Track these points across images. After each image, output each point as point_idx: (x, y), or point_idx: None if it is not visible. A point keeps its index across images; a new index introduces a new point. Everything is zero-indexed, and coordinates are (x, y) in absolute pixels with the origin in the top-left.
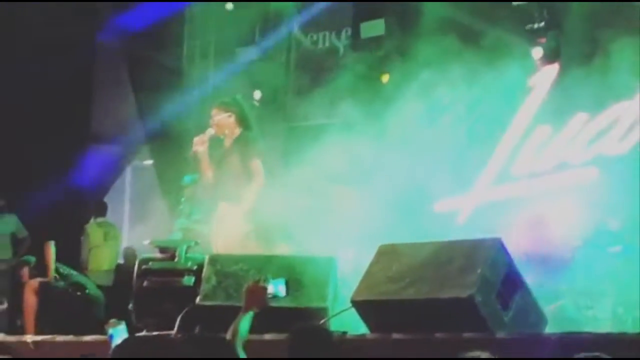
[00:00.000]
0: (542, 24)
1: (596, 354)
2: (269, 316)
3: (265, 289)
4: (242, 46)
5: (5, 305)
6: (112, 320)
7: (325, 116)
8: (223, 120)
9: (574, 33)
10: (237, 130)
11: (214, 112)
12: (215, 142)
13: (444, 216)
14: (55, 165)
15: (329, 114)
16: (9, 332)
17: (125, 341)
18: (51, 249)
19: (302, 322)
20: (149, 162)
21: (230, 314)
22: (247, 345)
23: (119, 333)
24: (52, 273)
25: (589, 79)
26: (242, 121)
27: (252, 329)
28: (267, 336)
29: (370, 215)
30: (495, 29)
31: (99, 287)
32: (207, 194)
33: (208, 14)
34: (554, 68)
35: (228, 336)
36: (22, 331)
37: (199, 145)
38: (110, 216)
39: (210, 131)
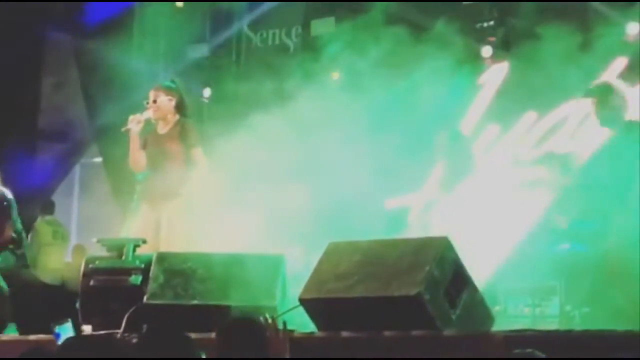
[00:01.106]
0: (492, 22)
1: (528, 350)
2: (216, 315)
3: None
4: (192, 43)
5: None
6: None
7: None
8: (164, 103)
9: (523, 31)
10: (174, 117)
11: (154, 93)
12: (147, 126)
13: (394, 214)
14: (1, 163)
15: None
16: None
17: (69, 340)
18: None
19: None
20: (98, 159)
21: (177, 313)
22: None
23: (65, 331)
24: None
25: (538, 78)
26: (182, 107)
27: (194, 328)
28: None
29: (320, 213)
30: (444, 26)
31: (48, 285)
32: (145, 185)
33: (158, 12)
34: (503, 66)
35: None
36: None
37: (134, 124)
38: (58, 214)
39: (148, 113)
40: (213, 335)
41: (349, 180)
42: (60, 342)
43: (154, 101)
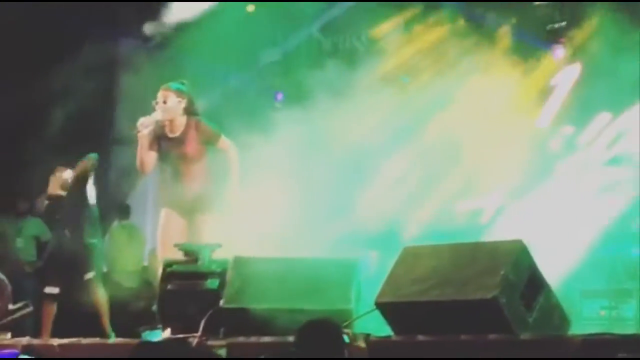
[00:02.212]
0: (564, 23)
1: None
2: (292, 319)
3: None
4: (264, 48)
5: (30, 309)
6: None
7: None
8: (174, 105)
9: (596, 32)
10: (182, 118)
11: (163, 94)
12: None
13: (467, 216)
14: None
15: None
16: (34, 336)
17: (143, 344)
18: None
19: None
20: None
21: (253, 317)
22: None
23: (155, 338)
24: None
25: (611, 78)
26: (191, 109)
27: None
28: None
29: (393, 217)
30: (516, 28)
31: (124, 289)
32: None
33: (229, 16)
34: (576, 68)
35: None
36: None
37: (144, 127)
38: (133, 218)
39: (157, 114)
40: (290, 338)
41: (420, 183)
42: None
43: (164, 102)
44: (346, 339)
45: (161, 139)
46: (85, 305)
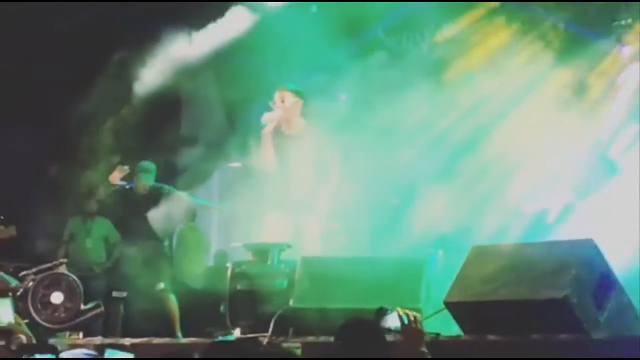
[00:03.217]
0: (629, 20)
1: None
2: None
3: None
4: (327, 49)
5: (101, 309)
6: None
7: None
8: (292, 105)
9: None
10: (299, 120)
11: (280, 94)
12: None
13: (533, 216)
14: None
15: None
16: (105, 335)
17: (215, 344)
18: None
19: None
20: (237, 164)
21: (322, 317)
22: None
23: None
24: None
25: None
26: (305, 112)
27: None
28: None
29: (458, 216)
30: (582, 25)
31: (191, 290)
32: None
33: (293, 18)
34: None
35: None
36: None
37: (270, 122)
38: (199, 219)
39: (278, 112)
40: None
41: (487, 182)
42: None
43: (282, 101)
44: (404, 319)
45: (276, 137)
46: (155, 311)
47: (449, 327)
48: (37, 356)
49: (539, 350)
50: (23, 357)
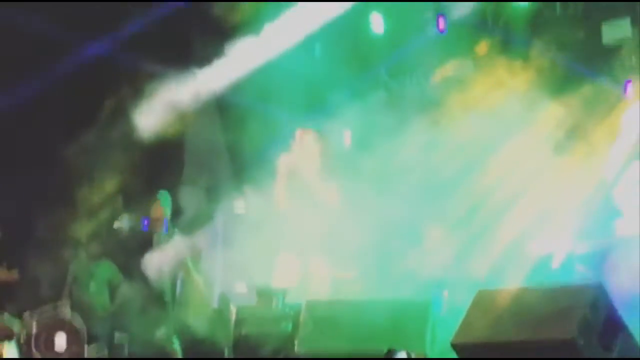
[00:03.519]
0: (633, 60)
1: None
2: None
3: None
4: (332, 89)
5: (105, 352)
6: None
7: None
8: (313, 145)
9: None
10: (316, 162)
11: (303, 134)
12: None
13: (537, 259)
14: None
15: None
16: None
17: None
18: None
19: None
20: (241, 209)
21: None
22: None
23: None
24: None
25: None
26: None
27: None
28: None
29: (462, 257)
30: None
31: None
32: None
33: (296, 60)
34: None
35: None
36: None
37: (286, 164)
38: (204, 261)
39: (297, 153)
40: None
41: (489, 224)
42: None
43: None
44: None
45: (291, 179)
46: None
47: None
48: None
49: None
50: None
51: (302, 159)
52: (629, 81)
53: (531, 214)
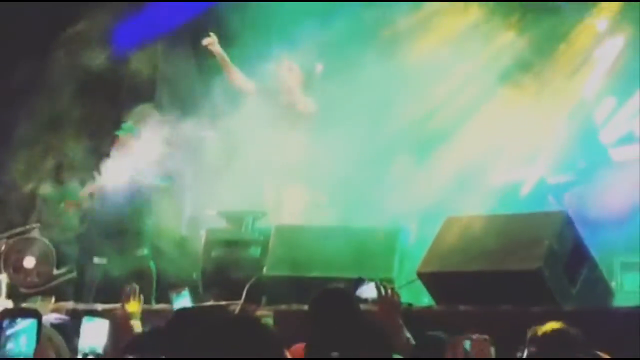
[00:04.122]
0: None
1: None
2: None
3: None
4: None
5: (74, 274)
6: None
7: None
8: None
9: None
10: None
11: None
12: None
13: (505, 189)
14: None
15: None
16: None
17: (182, 311)
18: None
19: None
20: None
21: (296, 285)
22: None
23: (181, 300)
24: None
25: None
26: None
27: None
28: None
29: (431, 187)
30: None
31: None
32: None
33: None
34: (619, 40)
35: None
36: None
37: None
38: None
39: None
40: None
41: (461, 154)
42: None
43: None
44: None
45: (271, 105)
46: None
47: (420, 298)
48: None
49: (510, 321)
50: (5, 321)
51: (281, 84)
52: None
53: (505, 147)
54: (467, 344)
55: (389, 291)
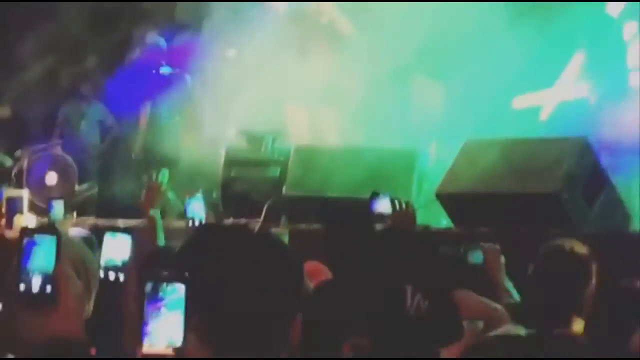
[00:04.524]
0: None
1: None
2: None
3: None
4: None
5: (95, 190)
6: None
7: None
8: None
9: None
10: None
11: None
12: None
13: (524, 113)
14: None
15: None
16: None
17: (204, 227)
18: None
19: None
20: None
21: (315, 206)
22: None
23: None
24: None
25: None
26: None
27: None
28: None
29: (449, 109)
30: None
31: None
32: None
33: None
34: None
35: None
36: None
37: None
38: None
39: None
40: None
41: (479, 76)
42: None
43: None
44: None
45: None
46: None
47: (439, 220)
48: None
49: (528, 243)
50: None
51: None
52: None
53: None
54: (477, 255)
55: (404, 206)
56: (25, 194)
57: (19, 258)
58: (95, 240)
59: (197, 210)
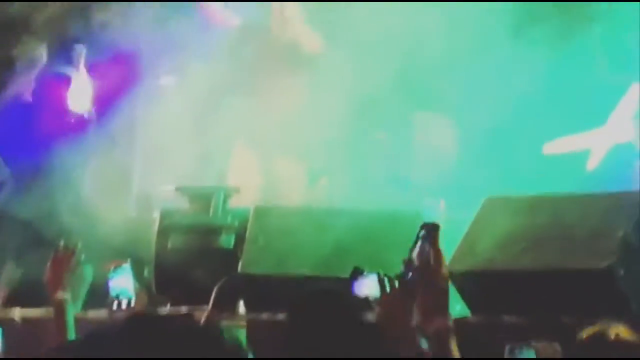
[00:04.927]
0: None
1: None
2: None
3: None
4: None
5: None
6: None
7: None
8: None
9: None
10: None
11: None
12: None
13: (561, 160)
14: None
15: None
16: None
17: (134, 319)
18: None
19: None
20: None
21: (281, 285)
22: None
23: (118, 275)
24: None
25: None
26: None
27: None
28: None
29: (462, 155)
30: None
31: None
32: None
33: None
34: None
35: None
36: None
37: None
38: (117, 153)
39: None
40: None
41: (499, 114)
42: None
43: None
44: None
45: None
46: None
47: (452, 307)
48: None
49: (570, 336)
50: None
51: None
52: None
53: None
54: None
55: (397, 286)
56: None
57: None
58: None
59: (124, 286)
